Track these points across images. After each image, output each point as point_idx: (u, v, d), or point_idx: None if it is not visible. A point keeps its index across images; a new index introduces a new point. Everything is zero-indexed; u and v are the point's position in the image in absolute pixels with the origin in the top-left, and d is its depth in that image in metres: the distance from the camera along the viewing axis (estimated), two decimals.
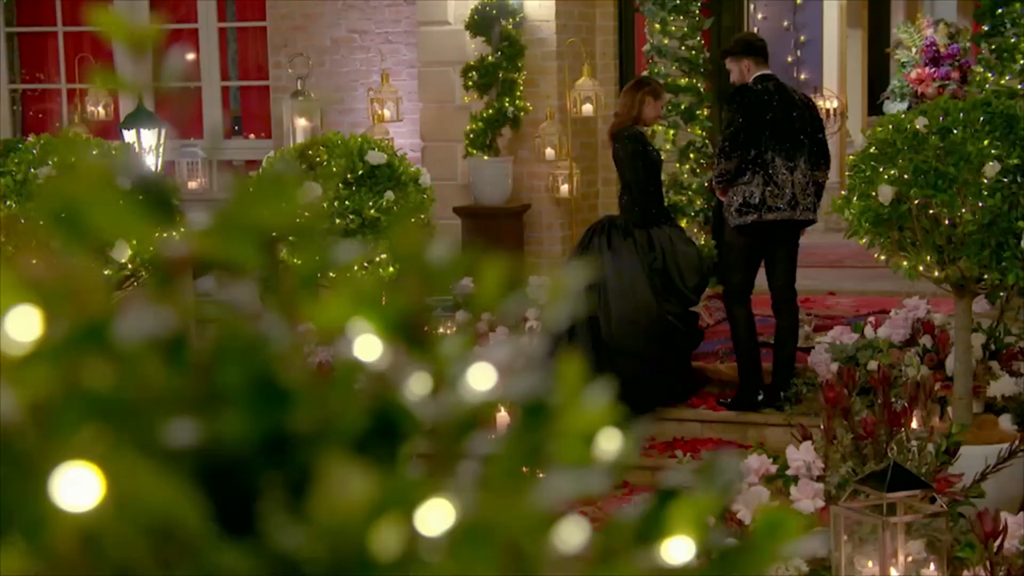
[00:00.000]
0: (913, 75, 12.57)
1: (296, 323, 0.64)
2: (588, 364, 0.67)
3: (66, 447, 0.48)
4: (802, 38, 15.86)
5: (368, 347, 0.64)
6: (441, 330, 8.66)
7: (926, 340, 7.23)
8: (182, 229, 0.61)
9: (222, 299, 0.61)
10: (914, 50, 14.28)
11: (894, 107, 13.05)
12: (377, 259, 7.11)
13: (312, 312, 0.65)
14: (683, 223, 9.52)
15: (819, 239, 12.98)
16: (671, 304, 8.07)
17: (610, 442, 0.66)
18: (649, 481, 6.51)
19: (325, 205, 6.81)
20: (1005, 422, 6.59)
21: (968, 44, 14.25)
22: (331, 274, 0.67)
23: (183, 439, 0.54)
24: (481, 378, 0.63)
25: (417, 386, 0.62)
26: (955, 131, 5.99)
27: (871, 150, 6.20)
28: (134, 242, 0.61)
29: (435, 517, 0.57)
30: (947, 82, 12.36)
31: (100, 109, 11.90)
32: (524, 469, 0.60)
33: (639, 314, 7.94)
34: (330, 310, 0.65)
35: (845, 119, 15.04)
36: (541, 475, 0.60)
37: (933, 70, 12.41)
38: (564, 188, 10.14)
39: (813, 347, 7.82)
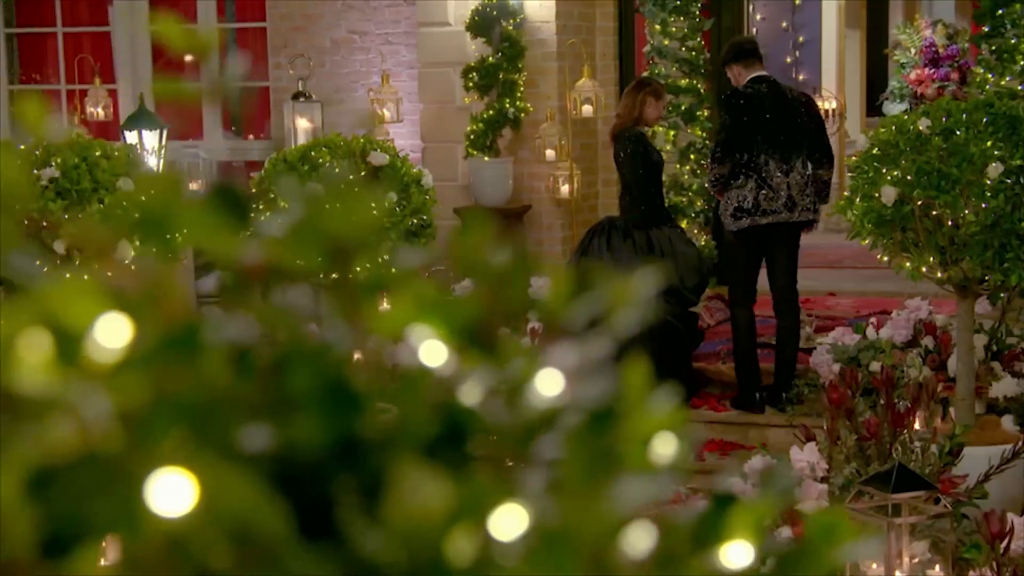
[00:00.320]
0: (912, 76, 12.58)
1: (362, 328, 0.65)
2: None
3: (158, 453, 0.48)
4: (801, 39, 15.87)
5: (433, 352, 0.64)
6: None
7: (928, 341, 7.24)
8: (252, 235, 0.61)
9: (291, 305, 0.61)
10: (912, 51, 14.28)
11: (894, 108, 13.06)
12: (379, 260, 7.10)
13: (376, 317, 0.65)
14: (683, 224, 9.54)
15: (819, 240, 12.99)
16: (671, 305, 8.07)
17: (666, 446, 0.67)
18: None
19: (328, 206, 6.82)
20: (1007, 423, 6.60)
21: (967, 45, 14.26)
22: (394, 279, 0.67)
23: (261, 444, 0.55)
24: (548, 383, 0.63)
25: (484, 391, 0.63)
26: (958, 132, 5.99)
27: (874, 151, 6.20)
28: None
29: (509, 522, 0.58)
30: (946, 83, 12.37)
31: (99, 110, 11.90)
32: (594, 474, 0.60)
33: None
34: (394, 315, 0.65)
35: (844, 120, 15.05)
36: (611, 480, 0.61)
37: (932, 71, 12.42)
38: (564, 189, 10.14)
39: (815, 348, 7.83)
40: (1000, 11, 9.40)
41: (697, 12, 10.09)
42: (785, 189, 7.69)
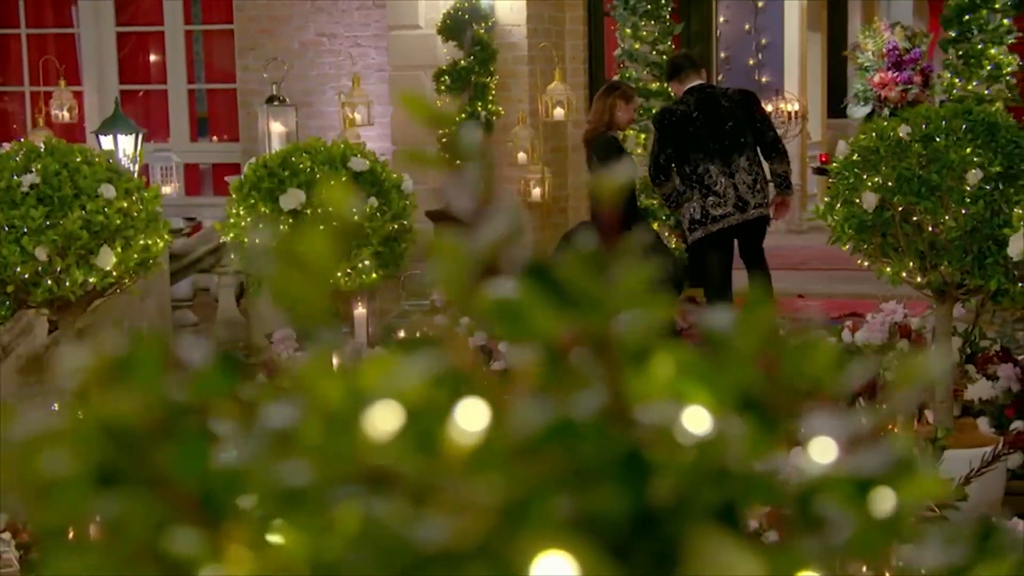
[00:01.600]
0: (876, 79, 12.72)
1: (630, 395, 0.67)
2: None
3: (538, 538, 0.50)
4: (763, 41, 15.96)
5: (696, 418, 0.66)
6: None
7: (903, 344, 7.31)
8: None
9: (580, 373, 0.63)
10: (871, 53, 14.39)
11: (858, 111, 13.19)
12: (360, 265, 7.12)
13: (642, 383, 0.67)
14: (654, 227, 9.59)
15: (782, 241, 13.09)
16: None
17: (883, 503, 0.69)
18: None
19: (309, 212, 6.80)
20: (983, 425, 6.68)
21: (925, 48, 14.38)
22: (656, 344, 0.69)
23: (580, 518, 0.57)
24: (822, 451, 0.65)
25: (758, 458, 0.65)
26: (937, 139, 6.07)
27: (854, 157, 6.27)
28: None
29: None
30: (910, 86, 12.53)
31: (64, 112, 11.81)
32: (877, 542, 0.63)
33: None
34: (658, 381, 0.67)
35: (806, 121, 15.16)
36: (893, 547, 0.63)
37: (896, 74, 12.56)
38: (536, 192, 10.17)
39: None
40: (967, 16, 9.52)
41: (667, 16, 10.15)
42: (732, 191, 7.79)
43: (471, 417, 0.53)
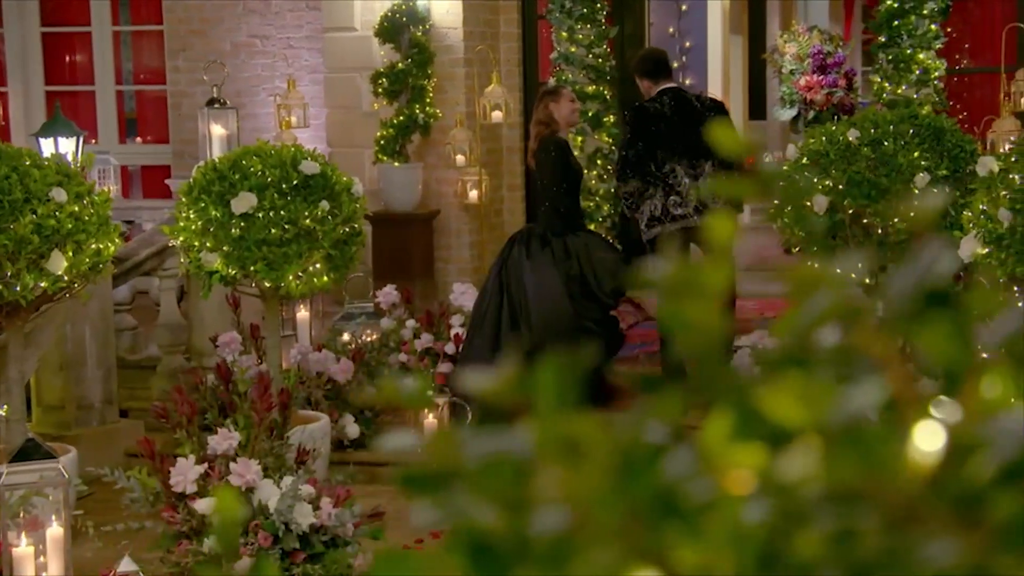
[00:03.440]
0: (802, 82, 12.94)
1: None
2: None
3: None
4: (687, 44, 16.12)
5: None
6: (364, 338, 8.66)
7: None
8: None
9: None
10: (791, 56, 14.57)
11: (784, 113, 13.38)
12: (311, 268, 7.11)
13: (978, 397, 0.72)
14: (590, 228, 9.66)
15: None
16: (591, 310, 8.20)
17: None
18: None
19: (260, 215, 6.78)
20: None
21: (847, 52, 14.58)
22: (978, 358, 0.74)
23: None
24: None
25: None
26: (886, 143, 6.21)
27: (804, 161, 6.39)
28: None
29: None
30: (835, 89, 12.75)
31: None
32: None
33: (557, 321, 8.07)
34: (999, 395, 0.72)
35: None
36: None
37: (821, 77, 12.78)
38: (473, 194, 10.20)
39: (736, 351, 8.00)
40: (896, 22, 9.71)
41: (603, 20, 10.23)
42: (695, 194, 7.87)
43: (928, 440, 0.57)
